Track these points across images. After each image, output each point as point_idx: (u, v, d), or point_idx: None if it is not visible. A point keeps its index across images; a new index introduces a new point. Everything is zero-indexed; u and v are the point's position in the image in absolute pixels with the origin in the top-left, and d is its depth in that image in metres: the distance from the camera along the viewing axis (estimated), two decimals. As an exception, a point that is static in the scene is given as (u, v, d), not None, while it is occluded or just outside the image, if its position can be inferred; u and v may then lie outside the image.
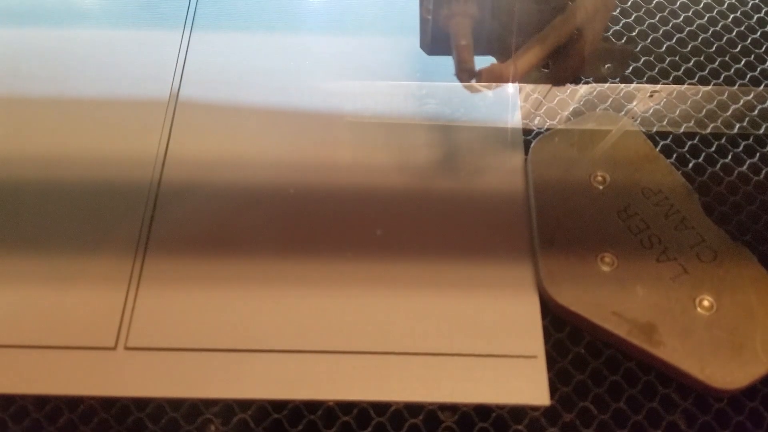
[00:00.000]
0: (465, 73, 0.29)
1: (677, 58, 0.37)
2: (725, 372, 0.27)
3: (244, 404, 0.28)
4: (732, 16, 0.39)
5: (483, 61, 0.30)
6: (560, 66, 0.30)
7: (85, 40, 0.37)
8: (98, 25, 0.37)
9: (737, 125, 0.35)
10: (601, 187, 0.32)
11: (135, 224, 0.32)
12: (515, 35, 0.29)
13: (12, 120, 0.34)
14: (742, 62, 0.37)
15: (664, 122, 0.35)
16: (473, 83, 0.29)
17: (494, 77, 0.29)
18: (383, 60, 0.36)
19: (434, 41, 0.31)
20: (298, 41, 0.37)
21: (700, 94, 0.36)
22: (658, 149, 0.34)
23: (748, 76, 0.37)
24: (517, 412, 0.28)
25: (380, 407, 0.28)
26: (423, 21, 0.31)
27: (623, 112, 0.35)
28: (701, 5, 0.39)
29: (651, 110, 0.35)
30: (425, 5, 0.30)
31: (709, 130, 0.35)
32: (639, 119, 0.35)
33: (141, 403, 0.28)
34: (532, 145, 0.34)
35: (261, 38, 0.37)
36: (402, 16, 0.38)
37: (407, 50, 0.37)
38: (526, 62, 0.29)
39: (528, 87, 0.35)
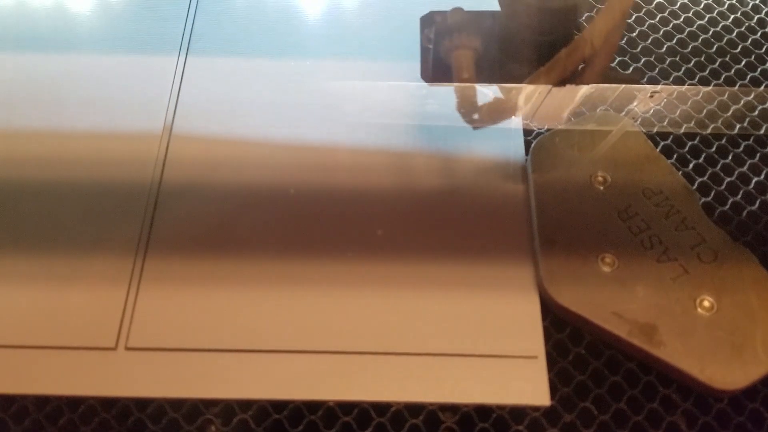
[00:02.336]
0: (466, 107, 0.29)
1: (678, 59, 0.37)
2: (725, 372, 0.27)
3: (245, 404, 0.28)
4: (732, 16, 0.39)
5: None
6: None
7: (83, 56, 0.37)
8: (94, 46, 0.37)
9: (737, 126, 0.35)
10: (601, 188, 0.32)
11: (135, 224, 0.32)
12: (520, 66, 0.29)
13: (12, 123, 0.35)
14: (743, 63, 0.37)
15: (665, 123, 0.35)
16: (475, 117, 0.29)
17: (497, 112, 0.29)
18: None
19: (435, 71, 0.31)
20: (297, 64, 0.37)
21: (701, 95, 0.36)
22: (658, 150, 0.34)
23: (749, 76, 0.37)
24: (518, 413, 0.28)
25: (381, 407, 0.28)
26: (424, 50, 0.31)
27: (624, 113, 0.35)
28: (701, 6, 0.39)
29: (651, 111, 0.35)
30: (426, 34, 0.30)
31: (709, 131, 0.35)
32: (639, 120, 0.35)
33: (141, 403, 0.28)
34: (533, 145, 0.34)
35: (260, 45, 0.37)
36: (403, 42, 0.38)
37: (408, 76, 0.36)
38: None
39: (528, 87, 0.35)
